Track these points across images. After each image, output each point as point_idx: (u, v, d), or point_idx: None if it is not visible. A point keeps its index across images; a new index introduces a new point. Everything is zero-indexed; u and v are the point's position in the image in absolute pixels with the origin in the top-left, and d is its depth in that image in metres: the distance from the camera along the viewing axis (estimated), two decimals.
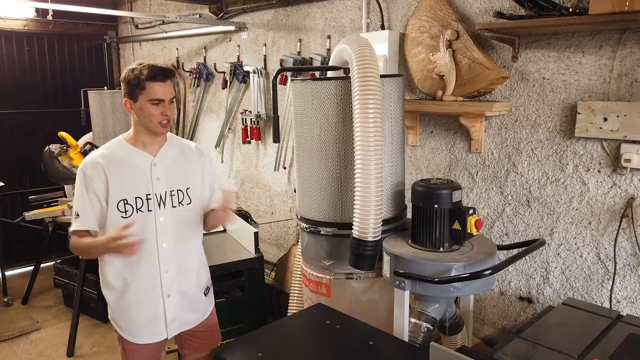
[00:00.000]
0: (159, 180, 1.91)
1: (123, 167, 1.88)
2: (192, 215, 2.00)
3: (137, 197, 1.87)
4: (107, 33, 5.47)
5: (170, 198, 1.93)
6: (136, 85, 1.82)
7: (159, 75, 1.84)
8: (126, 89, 1.85)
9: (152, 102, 1.83)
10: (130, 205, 1.86)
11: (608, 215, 2.18)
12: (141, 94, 1.82)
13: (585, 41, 2.16)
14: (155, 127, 1.87)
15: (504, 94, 2.45)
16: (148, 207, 1.88)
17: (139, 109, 1.84)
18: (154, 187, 1.90)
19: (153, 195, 1.89)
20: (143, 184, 1.89)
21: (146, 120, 1.85)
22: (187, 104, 4.70)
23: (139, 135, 1.91)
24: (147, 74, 1.81)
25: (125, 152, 1.90)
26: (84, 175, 1.86)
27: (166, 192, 1.93)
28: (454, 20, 2.51)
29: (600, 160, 2.17)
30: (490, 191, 2.57)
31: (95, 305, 3.78)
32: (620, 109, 2.05)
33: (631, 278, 2.15)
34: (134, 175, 1.88)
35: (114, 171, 1.86)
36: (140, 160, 1.90)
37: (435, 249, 1.98)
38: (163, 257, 1.92)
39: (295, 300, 2.83)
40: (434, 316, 2.00)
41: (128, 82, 1.84)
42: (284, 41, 3.59)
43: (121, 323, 1.97)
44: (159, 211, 1.91)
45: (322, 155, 2.18)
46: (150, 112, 1.83)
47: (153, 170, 1.91)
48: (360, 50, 2.03)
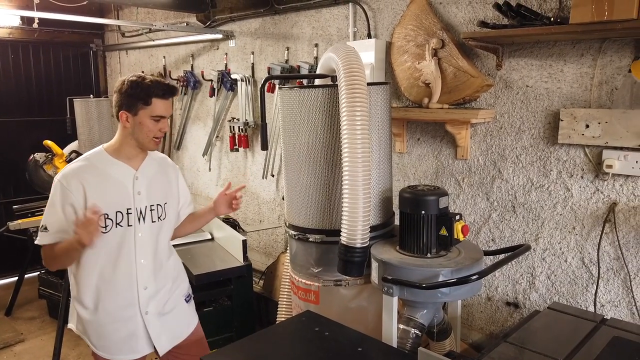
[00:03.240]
0: (140, 194, 1.87)
1: (104, 179, 1.83)
2: (169, 230, 2.00)
3: (117, 211, 1.82)
4: (94, 41, 5.44)
5: (150, 213, 1.90)
6: (139, 99, 1.77)
7: (167, 93, 1.81)
8: (125, 101, 1.79)
9: (154, 118, 1.79)
10: (111, 219, 1.81)
11: (591, 220, 2.22)
12: (143, 109, 1.78)
13: (566, 50, 2.21)
14: (149, 143, 1.84)
15: (488, 101, 2.49)
16: (128, 222, 1.84)
17: (138, 123, 1.80)
18: (135, 201, 1.86)
19: (134, 209, 1.85)
20: (124, 197, 1.85)
21: (142, 135, 1.82)
22: (174, 112, 4.69)
23: (125, 148, 1.86)
24: (155, 90, 1.77)
25: (107, 164, 1.85)
26: (62, 187, 1.79)
27: (146, 206, 1.89)
28: (439, 29, 2.55)
29: (583, 166, 2.22)
30: (476, 197, 2.60)
31: None
32: (602, 115, 2.09)
33: (614, 282, 2.19)
34: (116, 189, 1.84)
35: (95, 184, 1.81)
36: (122, 173, 1.86)
37: (422, 255, 2.00)
38: (141, 274, 1.88)
39: (284, 308, 2.82)
40: (422, 322, 2.01)
41: (129, 95, 1.78)
42: (272, 49, 3.60)
43: (95, 340, 1.91)
44: (138, 226, 1.87)
45: (310, 162, 2.19)
46: (149, 128, 1.80)
47: (135, 184, 1.87)
48: (347, 59, 2.05)
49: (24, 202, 4.21)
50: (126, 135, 1.84)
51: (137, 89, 1.77)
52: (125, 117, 1.80)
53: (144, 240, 1.88)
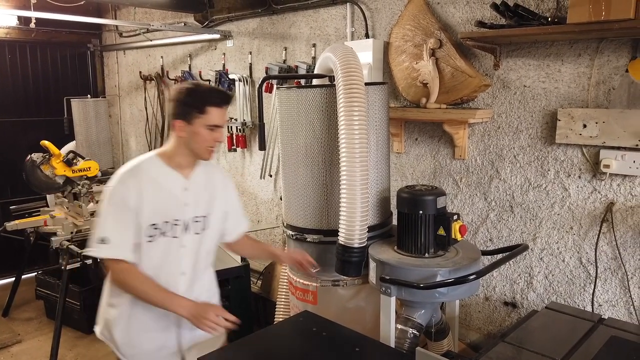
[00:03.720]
0: (187, 205, 1.81)
1: (156, 186, 1.76)
2: (211, 242, 1.93)
3: (165, 222, 1.76)
4: (91, 41, 5.43)
5: (195, 224, 1.83)
6: (195, 108, 1.71)
7: (223, 101, 1.76)
8: (180, 109, 1.73)
9: (209, 128, 1.73)
10: (158, 229, 1.75)
11: (589, 220, 2.22)
12: (199, 118, 1.71)
13: (564, 50, 2.21)
14: (204, 152, 1.78)
15: (486, 101, 2.49)
16: (174, 233, 1.78)
17: (194, 132, 1.73)
18: (183, 213, 1.80)
19: (181, 220, 1.79)
20: (173, 207, 1.78)
21: (197, 145, 1.75)
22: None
23: (178, 157, 1.79)
24: (211, 98, 1.72)
25: (159, 172, 1.78)
26: (122, 192, 1.71)
27: (192, 218, 1.82)
28: (437, 29, 2.55)
29: (581, 166, 2.22)
30: (474, 197, 2.60)
31: (78, 317, 3.72)
32: (599, 115, 2.09)
33: (612, 282, 2.19)
34: (166, 198, 1.77)
35: (148, 190, 1.74)
36: (173, 183, 1.79)
37: (420, 254, 1.99)
38: (182, 287, 1.82)
39: (282, 309, 2.81)
40: (420, 322, 2.01)
41: (184, 103, 1.72)
42: (270, 49, 3.60)
43: (125, 349, 1.86)
44: (183, 237, 1.81)
45: (308, 162, 2.19)
46: (204, 137, 1.74)
47: (184, 195, 1.80)
48: (344, 59, 2.05)
49: (21, 203, 4.21)
50: (181, 144, 1.77)
51: (192, 97, 1.72)
52: (179, 127, 1.74)
53: (187, 252, 1.82)
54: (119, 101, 5.40)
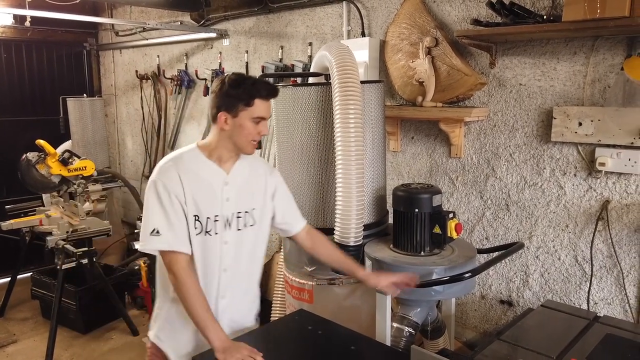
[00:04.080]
0: (228, 200, 1.73)
1: (196, 180, 1.69)
2: (255, 238, 1.84)
3: (207, 218, 1.70)
4: (87, 40, 5.41)
5: (237, 220, 1.76)
6: (241, 100, 1.65)
7: (270, 94, 1.70)
8: (225, 101, 1.66)
9: (254, 120, 1.68)
10: (200, 223, 1.69)
11: (584, 218, 2.22)
12: (245, 110, 1.65)
13: (559, 48, 2.21)
14: (247, 146, 1.71)
15: (482, 99, 2.49)
16: (215, 229, 1.72)
17: (238, 125, 1.66)
18: (223, 208, 1.73)
19: (221, 216, 1.72)
20: (213, 203, 1.71)
21: (241, 137, 1.69)
22: (168, 111, 4.67)
23: (220, 150, 1.72)
24: (258, 91, 1.66)
25: (200, 165, 1.71)
26: (165, 181, 1.64)
27: (233, 213, 1.75)
28: (433, 28, 2.55)
29: (576, 164, 2.22)
30: (470, 196, 2.60)
31: (74, 317, 3.71)
32: (594, 113, 2.10)
33: (607, 280, 2.19)
34: (206, 192, 1.70)
35: (190, 182, 1.67)
36: (214, 177, 1.72)
37: (416, 253, 1.99)
38: (222, 284, 1.77)
39: (278, 308, 2.81)
40: (416, 320, 2.01)
41: (230, 95, 1.65)
42: (266, 48, 3.60)
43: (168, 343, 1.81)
44: (224, 234, 1.74)
45: (304, 160, 2.19)
46: (249, 130, 1.68)
47: (224, 190, 1.73)
48: (340, 57, 2.05)
49: (17, 202, 4.19)
50: (224, 137, 1.71)
51: (238, 89, 1.65)
52: (224, 119, 1.67)
53: (229, 248, 1.76)
54: (115, 100, 5.38)
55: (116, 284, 3.85)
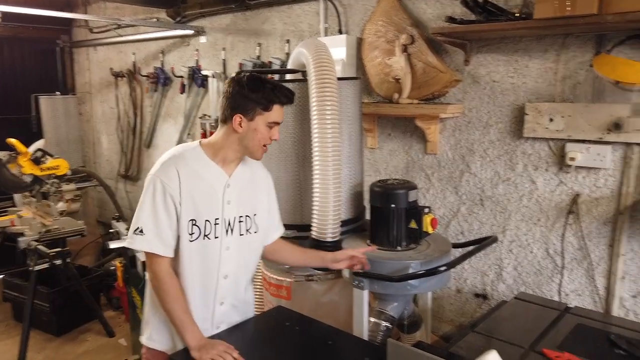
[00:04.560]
0: (229, 203, 1.68)
1: (196, 179, 1.63)
2: (256, 245, 1.81)
3: (206, 220, 1.65)
4: (60, 37, 5.30)
5: (239, 225, 1.71)
6: (260, 104, 1.60)
7: (289, 100, 1.67)
8: (242, 102, 1.61)
9: (269, 125, 1.64)
10: (198, 227, 1.63)
11: (555, 211, 2.28)
12: (262, 115, 1.61)
13: (531, 45, 2.26)
14: (258, 150, 1.67)
15: (457, 96, 2.52)
16: (215, 233, 1.67)
17: (253, 129, 1.62)
18: (224, 211, 1.68)
19: (222, 219, 1.67)
20: (214, 205, 1.66)
21: (253, 142, 1.64)
22: (144, 110, 4.61)
23: (225, 151, 1.67)
24: (278, 97, 1.63)
25: (202, 165, 1.66)
26: (163, 179, 1.59)
27: (235, 217, 1.70)
28: (409, 25, 2.58)
29: (548, 159, 2.27)
30: (445, 191, 2.63)
31: (47, 319, 3.63)
32: (565, 109, 2.15)
33: (578, 271, 2.25)
34: (206, 194, 1.65)
35: (190, 182, 1.62)
36: (215, 178, 1.67)
37: (392, 248, 2.01)
38: (221, 290, 1.73)
39: (256, 305, 2.80)
40: (393, 315, 2.03)
41: (248, 98, 1.60)
42: (243, 45, 3.58)
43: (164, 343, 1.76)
44: (225, 238, 1.69)
45: (281, 157, 2.18)
46: (262, 135, 1.64)
47: (226, 192, 1.68)
48: (317, 53, 2.05)
49: None
50: (234, 139, 1.65)
51: (258, 93, 1.61)
52: (239, 121, 1.61)
53: (231, 254, 1.71)
54: (89, 98, 5.29)
55: (91, 284, 3.78)
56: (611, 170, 2.11)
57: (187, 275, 1.68)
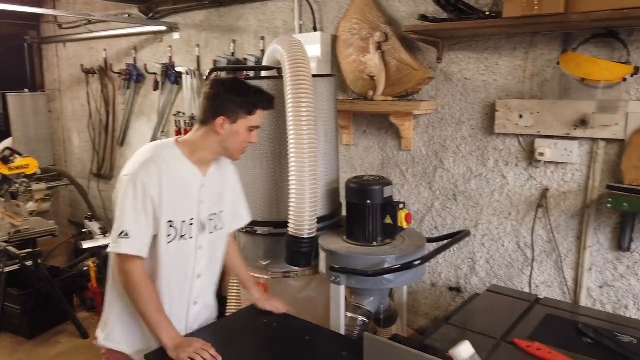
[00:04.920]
0: (203, 203, 1.70)
1: (176, 181, 1.63)
2: (223, 241, 1.83)
3: (182, 221, 1.65)
4: (28, 33, 5.15)
5: (209, 223, 1.74)
6: (243, 107, 1.62)
7: (271, 106, 1.70)
8: (226, 106, 1.61)
9: (250, 129, 1.66)
10: (175, 228, 1.64)
11: (526, 206, 2.34)
12: (245, 118, 1.63)
13: (501, 44, 2.31)
14: (237, 153, 1.70)
15: (430, 93, 2.56)
16: (190, 233, 1.68)
17: (235, 131, 1.63)
18: (199, 212, 1.69)
19: (196, 219, 1.69)
20: (190, 205, 1.67)
21: (234, 144, 1.66)
22: (116, 107, 4.53)
23: (202, 152, 1.67)
24: (262, 101, 1.65)
25: (179, 164, 1.65)
26: (143, 180, 1.56)
27: (207, 216, 1.72)
28: (383, 23, 2.60)
29: (518, 154, 2.33)
30: (420, 187, 2.68)
31: (18, 322, 3.54)
32: (533, 106, 2.21)
33: (547, 264, 2.32)
34: (183, 194, 1.65)
35: (168, 183, 1.60)
36: (192, 178, 1.67)
37: (368, 243, 2.03)
38: (196, 290, 1.74)
39: (234, 304, 2.79)
40: (369, 309, 2.05)
41: (232, 102, 1.61)
42: (217, 42, 3.55)
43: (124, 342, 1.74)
44: (199, 238, 1.71)
45: (257, 154, 2.18)
46: (243, 138, 1.65)
47: (201, 192, 1.69)
48: (292, 50, 2.06)
49: None
50: (214, 141, 1.65)
51: (242, 97, 1.62)
52: (221, 123, 1.62)
53: (204, 253, 1.73)
54: (59, 96, 5.16)
55: (64, 286, 3.70)
56: (578, 165, 2.18)
57: (163, 277, 1.67)
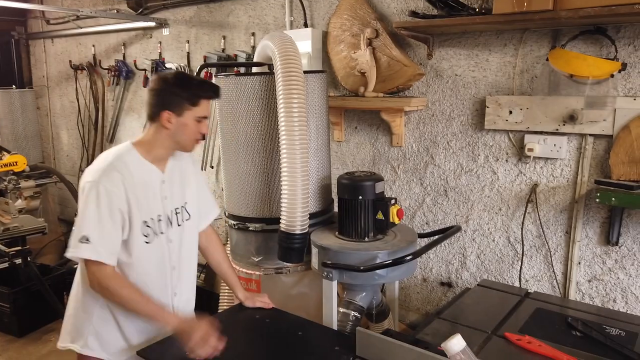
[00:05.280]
0: (166, 199, 1.75)
1: (139, 183, 1.66)
2: (193, 231, 1.88)
3: (151, 218, 1.70)
4: (15, 29, 5.09)
5: (176, 217, 1.79)
6: (187, 99, 1.64)
7: (215, 94, 1.71)
8: (169, 100, 1.64)
9: (198, 120, 1.67)
10: (150, 227, 1.69)
11: (515, 201, 2.36)
12: (190, 110, 1.65)
13: (491, 40, 2.32)
14: (190, 145, 1.72)
15: (420, 90, 2.57)
16: (160, 229, 1.73)
17: (182, 124, 1.65)
18: (164, 207, 1.74)
19: (163, 215, 1.74)
20: (155, 203, 1.72)
21: (184, 137, 1.68)
22: (105, 103, 4.49)
23: (157, 149, 1.71)
24: (205, 92, 1.67)
25: (139, 166, 1.69)
26: (105, 190, 1.57)
27: (172, 210, 1.77)
28: (373, 19, 2.60)
29: (508, 150, 2.35)
30: (411, 183, 2.69)
31: (8, 320, 3.52)
32: (523, 102, 2.23)
33: (537, 258, 2.34)
34: (147, 193, 1.69)
35: (132, 186, 1.64)
36: (151, 177, 1.72)
37: (360, 239, 2.04)
38: (174, 281, 1.80)
39: (226, 301, 2.79)
40: (361, 305, 2.07)
41: (175, 94, 1.64)
42: (208, 38, 3.53)
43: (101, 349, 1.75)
44: (168, 232, 1.76)
45: (249, 151, 2.18)
46: (192, 130, 1.67)
47: (162, 189, 1.74)
48: (282, 46, 2.06)
49: None
50: (164, 136, 1.68)
51: (184, 89, 1.65)
52: (167, 117, 1.64)
53: (174, 246, 1.78)
54: (47, 92, 5.10)
55: (54, 284, 3.68)
56: (567, 161, 2.20)
57: (143, 275, 1.72)
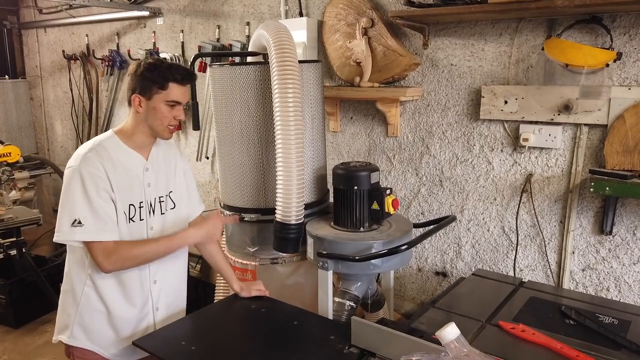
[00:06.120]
0: (149, 186, 1.77)
1: (120, 169, 1.69)
2: (177, 220, 1.87)
3: (131, 204, 1.71)
4: (7, 18, 5.03)
5: (159, 204, 1.80)
6: (155, 82, 1.65)
7: (185, 78, 1.71)
8: (139, 84, 1.67)
9: (168, 104, 1.68)
10: (124, 213, 1.69)
11: (510, 191, 2.37)
12: (159, 93, 1.66)
13: (487, 29, 2.32)
14: (163, 131, 1.72)
15: (416, 79, 2.57)
16: (140, 216, 1.74)
17: (152, 108, 1.67)
18: (146, 194, 1.75)
19: (145, 202, 1.75)
20: (137, 190, 1.73)
21: (156, 121, 1.69)
22: (100, 94, 4.46)
23: (137, 135, 1.73)
24: (172, 74, 1.67)
25: (119, 152, 1.70)
26: (89, 174, 1.60)
27: (155, 198, 1.78)
28: (369, 9, 2.59)
29: (503, 140, 2.35)
30: (406, 173, 2.69)
31: (4, 311, 3.52)
32: (518, 92, 2.22)
33: (531, 248, 2.36)
34: (129, 180, 1.70)
35: (113, 172, 1.66)
36: (133, 163, 1.73)
37: (356, 229, 2.05)
38: (152, 269, 1.79)
39: (222, 291, 2.80)
40: (357, 294, 2.07)
41: (145, 78, 1.66)
42: (202, 27, 3.51)
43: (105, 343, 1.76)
44: (150, 220, 1.77)
45: (244, 141, 2.17)
46: (163, 114, 1.68)
47: (145, 176, 1.75)
48: (277, 36, 2.04)
49: None
50: (139, 121, 1.71)
51: (153, 72, 1.66)
52: (138, 102, 1.68)
53: (155, 233, 1.78)
54: (41, 82, 5.06)
55: (49, 275, 3.67)
56: (562, 150, 2.21)
57: None
